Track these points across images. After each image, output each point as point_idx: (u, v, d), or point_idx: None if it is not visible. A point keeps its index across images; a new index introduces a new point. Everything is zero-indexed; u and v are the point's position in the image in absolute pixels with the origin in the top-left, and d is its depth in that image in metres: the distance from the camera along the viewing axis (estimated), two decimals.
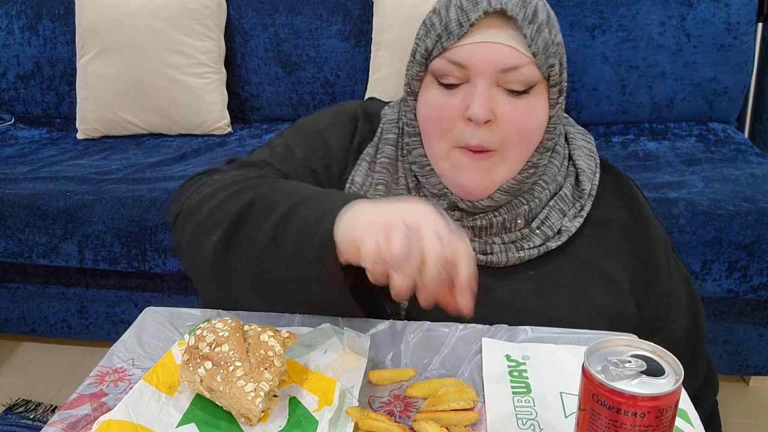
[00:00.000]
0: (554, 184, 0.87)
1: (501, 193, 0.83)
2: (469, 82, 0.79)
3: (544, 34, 0.79)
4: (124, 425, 0.59)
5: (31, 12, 2.24)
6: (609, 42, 2.01)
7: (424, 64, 0.82)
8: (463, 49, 0.78)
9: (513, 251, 0.84)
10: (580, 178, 0.89)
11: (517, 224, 0.85)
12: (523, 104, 0.80)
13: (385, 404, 0.65)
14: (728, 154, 1.85)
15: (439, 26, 0.80)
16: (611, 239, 0.87)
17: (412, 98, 0.86)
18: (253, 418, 0.61)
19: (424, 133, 0.85)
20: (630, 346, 0.54)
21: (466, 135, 0.80)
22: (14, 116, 2.36)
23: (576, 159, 0.90)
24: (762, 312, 1.66)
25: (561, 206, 0.87)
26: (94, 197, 1.70)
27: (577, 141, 0.92)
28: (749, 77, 2.05)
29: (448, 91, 0.81)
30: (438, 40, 0.80)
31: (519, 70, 0.78)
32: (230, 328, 0.65)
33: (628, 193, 0.91)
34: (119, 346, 0.74)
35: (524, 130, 0.81)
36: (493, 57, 0.77)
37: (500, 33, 0.78)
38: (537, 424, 0.61)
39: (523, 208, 0.85)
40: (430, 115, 0.83)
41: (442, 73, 0.80)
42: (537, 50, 0.78)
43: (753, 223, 1.50)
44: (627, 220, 0.88)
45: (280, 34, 2.14)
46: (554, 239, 0.85)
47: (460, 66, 0.79)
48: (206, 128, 2.12)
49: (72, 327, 1.93)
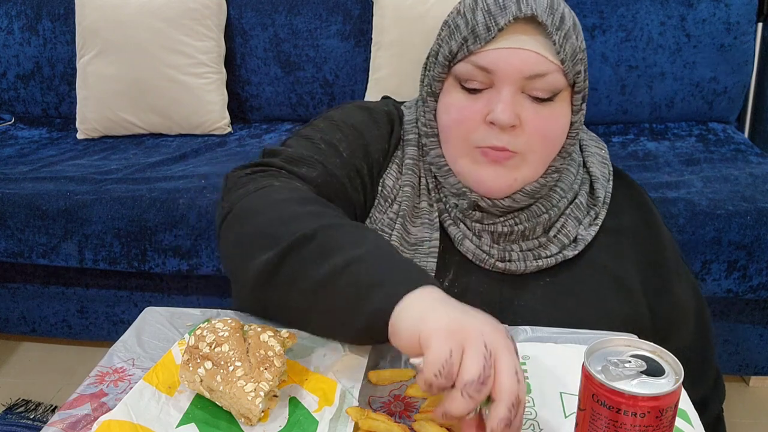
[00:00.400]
0: (571, 192, 0.87)
1: (523, 195, 0.83)
2: (493, 87, 0.79)
3: (572, 40, 0.78)
4: (124, 425, 0.59)
5: (31, 12, 2.24)
6: (609, 42, 2.01)
7: (447, 66, 0.81)
8: (490, 54, 0.77)
9: (531, 259, 0.84)
10: (594, 185, 0.89)
11: (536, 232, 0.85)
12: (547, 111, 0.79)
13: (385, 404, 0.65)
14: (728, 154, 1.85)
15: (465, 29, 0.78)
16: (625, 246, 0.87)
17: (432, 99, 0.85)
18: (253, 418, 0.61)
19: (444, 134, 0.84)
20: (630, 346, 0.54)
21: (489, 137, 0.79)
22: (14, 116, 2.36)
23: (590, 166, 0.90)
24: (762, 312, 1.66)
25: (576, 214, 0.87)
26: (94, 197, 1.70)
27: (591, 148, 0.92)
28: (749, 77, 2.05)
29: (471, 96, 0.80)
30: (464, 43, 0.78)
31: (545, 77, 0.77)
32: (230, 328, 0.65)
33: (640, 200, 0.91)
34: (119, 346, 0.74)
35: (548, 135, 0.80)
36: (520, 64, 0.76)
37: (529, 39, 0.77)
38: (536, 424, 0.61)
39: (543, 217, 0.85)
40: (452, 118, 0.82)
41: (466, 78, 0.79)
42: (565, 57, 0.77)
43: (752, 223, 1.50)
44: (639, 228, 0.89)
45: (280, 34, 2.14)
46: (570, 248, 0.85)
47: (486, 71, 0.78)
48: (206, 128, 2.12)
49: (72, 327, 1.93)
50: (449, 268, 0.85)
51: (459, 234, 0.85)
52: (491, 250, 0.85)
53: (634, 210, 0.90)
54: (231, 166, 0.98)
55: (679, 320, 0.90)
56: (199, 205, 1.65)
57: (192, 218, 1.65)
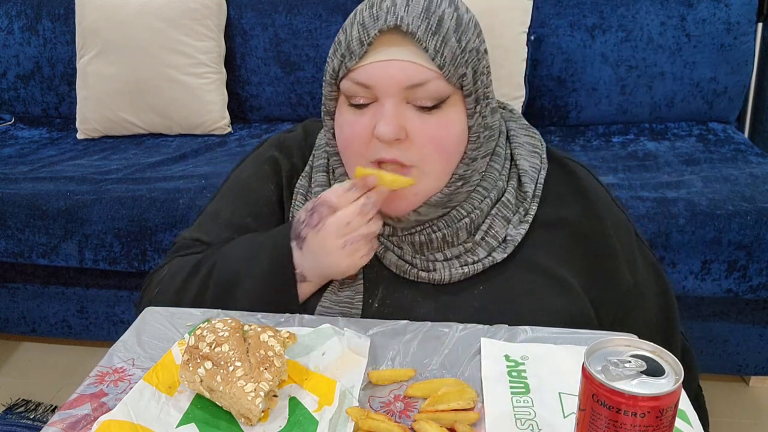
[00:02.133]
0: (495, 190, 0.84)
1: (428, 207, 0.81)
2: (378, 101, 0.77)
3: (451, 44, 0.75)
4: (124, 425, 0.59)
5: (31, 12, 2.24)
6: (608, 42, 2.01)
7: (335, 85, 0.80)
8: (367, 69, 0.76)
9: (456, 267, 0.82)
10: (522, 179, 0.85)
11: (460, 237, 0.83)
12: (435, 119, 0.77)
13: (385, 404, 0.65)
14: (728, 154, 1.85)
15: (343, 45, 0.78)
16: (561, 239, 0.84)
17: (329, 118, 0.84)
18: (252, 418, 0.61)
19: (342, 152, 0.83)
20: (630, 346, 0.54)
21: (379, 151, 0.77)
22: (14, 116, 2.36)
23: (517, 159, 0.86)
24: (762, 312, 1.66)
25: (504, 213, 0.83)
26: (94, 197, 1.70)
27: (519, 138, 0.88)
28: (749, 77, 2.05)
29: (358, 111, 0.78)
30: (342, 61, 0.77)
31: (425, 86, 0.75)
32: (230, 328, 0.65)
33: (577, 187, 0.86)
34: (119, 346, 0.74)
35: (440, 144, 0.78)
36: (396, 75, 0.75)
37: (401, 50, 0.75)
38: (536, 425, 0.62)
39: (464, 221, 0.82)
40: (343, 136, 0.81)
41: (350, 94, 0.78)
42: (443, 63, 0.74)
43: (752, 223, 1.50)
44: (577, 217, 0.84)
45: (280, 34, 2.14)
46: (499, 250, 0.82)
47: (365, 86, 0.76)
48: (206, 128, 2.12)
49: (72, 327, 1.93)
50: (377, 286, 0.84)
51: (381, 247, 0.84)
52: (414, 260, 0.83)
53: (572, 198, 0.86)
54: (231, 166, 1.00)
55: (637, 305, 0.86)
56: (199, 205, 1.65)
57: (192, 218, 1.64)
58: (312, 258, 0.80)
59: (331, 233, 0.78)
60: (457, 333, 0.75)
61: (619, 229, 0.86)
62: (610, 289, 0.84)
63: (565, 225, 0.84)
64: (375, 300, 0.83)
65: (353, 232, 0.78)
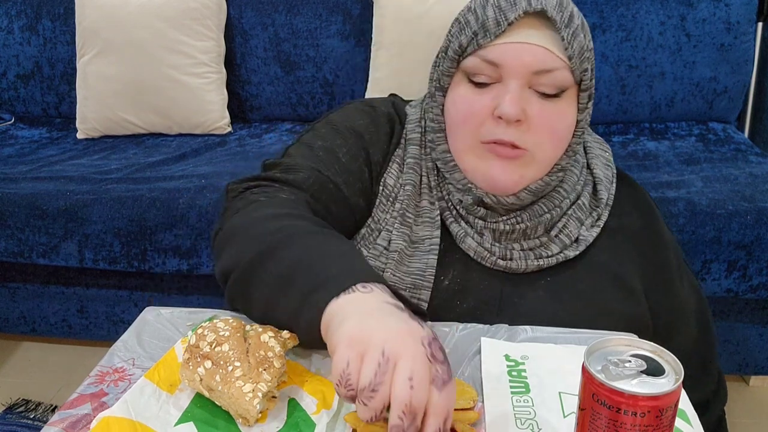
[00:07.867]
0: (574, 192, 0.87)
1: (527, 193, 0.83)
2: (501, 82, 0.79)
3: (580, 38, 0.79)
4: (123, 422, 0.59)
5: (31, 12, 2.24)
6: (608, 42, 2.01)
7: (456, 61, 0.82)
8: (498, 48, 0.78)
9: (532, 258, 0.85)
10: (597, 187, 0.89)
11: (537, 231, 0.86)
12: (553, 107, 0.79)
13: None
14: (728, 153, 1.85)
15: (475, 24, 0.79)
16: (626, 247, 0.88)
17: (440, 94, 0.85)
18: (250, 418, 0.61)
19: (451, 128, 0.84)
20: (630, 345, 0.54)
21: (497, 131, 0.79)
22: (14, 116, 2.36)
23: (594, 168, 0.90)
24: (762, 311, 1.66)
25: (579, 215, 0.87)
26: (94, 197, 1.70)
27: (595, 150, 0.93)
28: (749, 77, 2.05)
29: (479, 90, 0.80)
30: (473, 38, 0.79)
31: (552, 73, 0.78)
32: (231, 327, 0.65)
33: (642, 202, 0.92)
34: (119, 345, 0.74)
35: (555, 132, 0.81)
36: (528, 58, 0.77)
37: (537, 34, 0.77)
38: (535, 424, 0.62)
39: (545, 216, 0.85)
40: (459, 111, 0.82)
41: (474, 72, 0.80)
42: (573, 54, 0.78)
43: (752, 223, 1.50)
44: (641, 229, 0.89)
45: (280, 34, 2.14)
46: (572, 248, 0.85)
47: (494, 65, 0.78)
48: (206, 128, 2.12)
49: (72, 327, 1.93)
50: (450, 266, 0.85)
51: (461, 231, 0.85)
52: (493, 248, 0.85)
53: (636, 212, 0.91)
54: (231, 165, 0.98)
55: (680, 321, 0.90)
56: (199, 204, 1.65)
57: (192, 218, 1.65)
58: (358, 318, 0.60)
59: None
60: (458, 333, 0.75)
61: (672, 247, 0.91)
62: (665, 300, 0.88)
63: (629, 234, 0.89)
64: (446, 278, 0.85)
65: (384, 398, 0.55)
